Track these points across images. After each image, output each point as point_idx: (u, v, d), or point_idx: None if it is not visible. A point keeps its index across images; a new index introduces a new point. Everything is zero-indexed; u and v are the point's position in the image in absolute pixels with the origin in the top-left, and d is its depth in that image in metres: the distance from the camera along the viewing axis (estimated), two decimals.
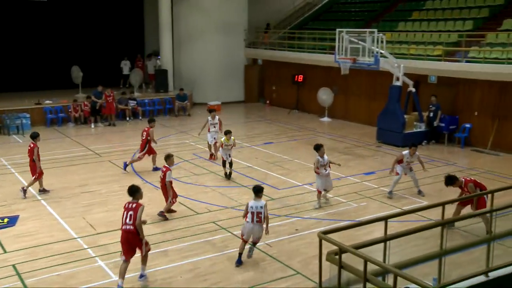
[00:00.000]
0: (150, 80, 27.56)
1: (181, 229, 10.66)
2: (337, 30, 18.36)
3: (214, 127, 15.91)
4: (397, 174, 12.57)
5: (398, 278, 5.12)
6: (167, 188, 11.16)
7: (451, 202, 10.13)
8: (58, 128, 21.01)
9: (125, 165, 14.71)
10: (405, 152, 12.57)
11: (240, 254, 9.05)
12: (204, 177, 14.29)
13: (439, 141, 18.20)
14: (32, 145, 12.62)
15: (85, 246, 9.82)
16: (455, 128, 17.95)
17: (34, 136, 12.78)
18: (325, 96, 22.33)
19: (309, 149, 17.42)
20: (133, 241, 8.27)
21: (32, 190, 12.81)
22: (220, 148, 14.10)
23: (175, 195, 11.38)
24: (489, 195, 8.83)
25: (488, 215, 8.81)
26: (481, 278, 7.01)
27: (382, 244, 6.26)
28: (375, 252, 6.20)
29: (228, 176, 14.03)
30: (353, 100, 22.41)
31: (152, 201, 12.34)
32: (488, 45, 17.55)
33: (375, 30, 17.25)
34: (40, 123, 21.18)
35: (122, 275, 8.09)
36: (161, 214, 11.19)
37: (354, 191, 12.99)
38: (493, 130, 17.07)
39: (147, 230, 10.54)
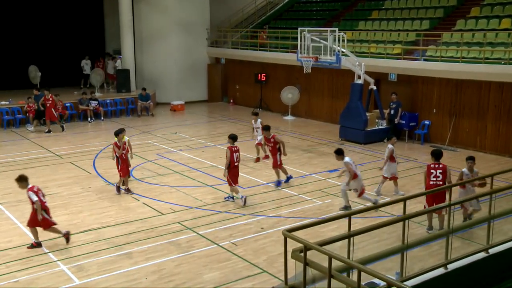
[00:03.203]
0: (109, 80, 27.09)
1: (145, 230, 10.52)
2: (299, 29, 18.52)
3: (257, 131, 15.59)
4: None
5: (362, 273, 5.20)
6: None
7: (413, 197, 10.39)
8: (15, 129, 20.38)
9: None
10: (464, 169, 10.27)
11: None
12: (168, 177, 14.15)
13: (400, 138, 18.60)
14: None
15: (46, 250, 9.56)
16: (415, 125, 18.39)
17: (115, 134, 12.80)
18: (290, 94, 22.46)
19: None
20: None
21: None
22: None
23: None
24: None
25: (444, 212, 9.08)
26: (441, 271, 7.22)
27: (346, 241, 6.35)
28: (340, 248, 6.29)
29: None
30: (316, 98, 22.66)
31: (115, 203, 12.17)
32: (444, 44, 18.08)
33: (336, 29, 17.47)
34: None
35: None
36: None
37: (318, 189, 13.13)
38: (450, 126, 17.60)
39: (110, 232, 10.39)
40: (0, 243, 9.88)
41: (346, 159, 11.29)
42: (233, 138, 12.23)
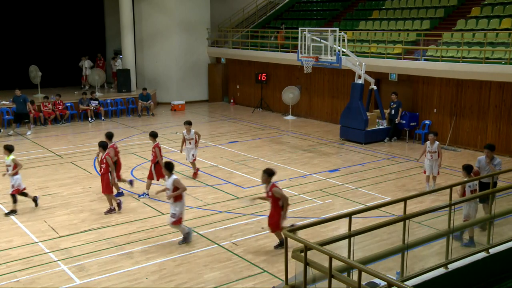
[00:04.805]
0: (85, 82, 26.69)
1: (146, 230, 10.53)
2: (300, 29, 18.52)
3: (190, 143, 13.96)
4: None
5: (363, 273, 5.21)
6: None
7: (413, 197, 10.40)
8: (16, 129, 20.37)
9: None
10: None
11: None
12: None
13: (400, 137, 18.63)
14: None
15: (47, 250, 9.58)
16: (415, 124, 18.39)
17: (104, 147, 11.59)
18: (291, 94, 22.47)
19: (273, 148, 17.61)
20: None
21: None
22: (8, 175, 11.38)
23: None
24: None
25: None
26: (441, 270, 7.22)
27: (346, 240, 6.35)
28: (340, 248, 6.30)
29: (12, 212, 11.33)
30: (316, 98, 22.67)
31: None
32: (444, 44, 18.08)
33: (337, 29, 17.45)
34: None
35: None
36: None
37: (319, 189, 13.14)
38: (451, 126, 17.60)
39: (111, 232, 10.40)
40: (1, 243, 9.90)
41: (174, 176, 9.73)
42: (155, 135, 12.59)
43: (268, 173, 9.34)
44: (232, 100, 27.34)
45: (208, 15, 27.64)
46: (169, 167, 9.76)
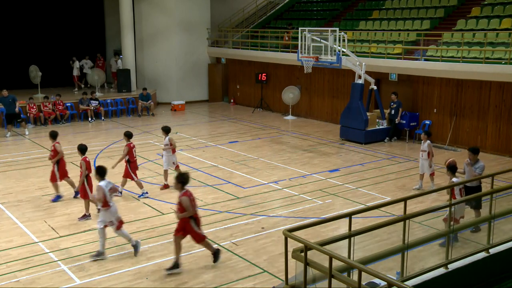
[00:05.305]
0: (75, 82, 26.65)
1: (146, 230, 10.54)
2: (300, 29, 18.53)
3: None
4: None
5: (363, 273, 5.21)
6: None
7: (413, 197, 10.40)
8: (16, 129, 20.39)
9: None
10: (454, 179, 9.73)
11: None
12: (169, 177, 14.13)
13: (400, 137, 18.64)
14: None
15: (47, 250, 9.58)
16: (415, 124, 18.39)
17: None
18: (291, 94, 22.47)
19: (274, 148, 17.61)
20: None
21: None
22: None
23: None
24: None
25: None
26: (441, 270, 7.22)
27: (346, 240, 6.36)
28: (340, 248, 6.30)
29: None
30: (316, 98, 22.67)
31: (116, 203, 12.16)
32: (444, 44, 18.08)
33: (337, 29, 17.45)
34: None
35: None
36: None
37: (319, 189, 13.13)
38: (451, 126, 17.60)
39: (111, 232, 10.38)
40: (1, 243, 9.90)
41: (102, 183, 9.12)
42: (129, 135, 12.48)
43: (179, 180, 8.51)
44: (232, 100, 27.34)
45: (208, 15, 27.65)
46: (100, 171, 9.25)
